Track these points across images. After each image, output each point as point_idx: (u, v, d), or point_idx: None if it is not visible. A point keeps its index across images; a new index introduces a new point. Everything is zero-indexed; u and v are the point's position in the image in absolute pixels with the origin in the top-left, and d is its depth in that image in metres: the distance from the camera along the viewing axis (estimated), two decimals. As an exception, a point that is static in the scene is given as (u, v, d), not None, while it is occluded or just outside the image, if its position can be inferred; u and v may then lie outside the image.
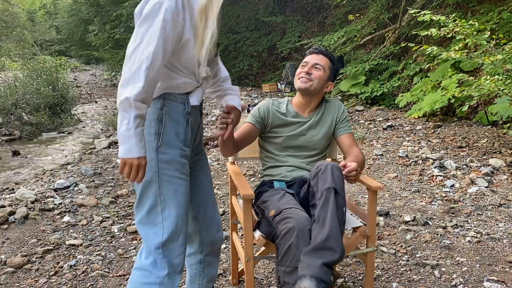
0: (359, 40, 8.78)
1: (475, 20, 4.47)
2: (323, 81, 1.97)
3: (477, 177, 3.63)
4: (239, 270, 2.25)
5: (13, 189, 4.22)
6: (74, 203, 3.57)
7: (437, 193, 3.45)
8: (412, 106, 6.24)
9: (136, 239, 2.89)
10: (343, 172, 1.71)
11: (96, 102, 12.52)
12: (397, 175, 3.94)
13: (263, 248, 1.81)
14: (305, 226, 1.58)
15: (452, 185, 3.57)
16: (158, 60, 1.30)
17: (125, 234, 2.98)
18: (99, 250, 2.74)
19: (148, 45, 1.29)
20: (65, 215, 3.33)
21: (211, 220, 1.70)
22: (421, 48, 4.58)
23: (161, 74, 1.36)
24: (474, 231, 2.77)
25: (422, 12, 4.41)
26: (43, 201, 3.62)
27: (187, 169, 1.48)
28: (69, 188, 3.99)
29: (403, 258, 2.47)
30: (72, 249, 2.76)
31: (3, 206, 3.41)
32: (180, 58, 1.41)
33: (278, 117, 2.01)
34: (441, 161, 4.07)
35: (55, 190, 3.94)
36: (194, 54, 1.39)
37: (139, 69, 1.28)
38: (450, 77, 5.44)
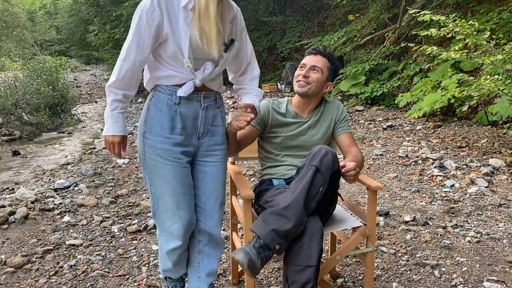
0: (359, 40, 8.78)
1: (475, 20, 4.47)
2: (322, 83, 1.96)
3: (477, 177, 3.63)
4: (239, 270, 2.25)
5: (13, 189, 4.22)
6: (74, 203, 3.57)
7: (437, 193, 3.45)
8: (412, 106, 6.24)
9: (136, 239, 2.89)
10: (342, 171, 1.71)
11: (96, 102, 12.52)
12: (397, 175, 3.94)
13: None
14: (317, 225, 1.60)
15: (452, 185, 3.57)
16: (133, 52, 1.53)
17: (125, 234, 2.98)
18: (99, 250, 2.74)
19: (127, 41, 1.55)
20: (65, 215, 3.33)
21: (210, 215, 1.75)
22: (421, 48, 4.58)
23: (142, 65, 1.58)
24: (474, 231, 2.77)
25: (422, 12, 4.41)
26: (43, 201, 3.62)
27: (174, 155, 1.63)
28: (69, 188, 3.99)
29: (403, 258, 2.47)
30: (72, 249, 2.76)
31: (3, 206, 3.41)
32: (165, 51, 1.57)
33: (278, 117, 2.02)
34: (441, 161, 4.08)
35: (55, 190, 3.94)
36: (176, 48, 1.54)
37: (118, 61, 1.57)
38: (450, 77, 5.45)
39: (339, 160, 1.70)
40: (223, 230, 2.90)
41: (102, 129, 8.26)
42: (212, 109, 1.71)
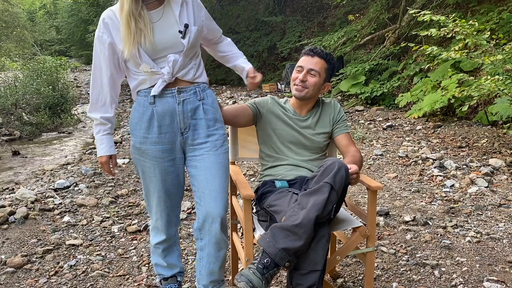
0: (359, 40, 8.77)
1: (475, 20, 4.47)
2: (319, 86, 1.97)
3: (477, 177, 3.63)
4: (239, 270, 2.25)
5: (13, 189, 4.22)
6: (74, 203, 3.57)
7: (437, 193, 3.45)
8: (412, 106, 6.24)
9: (136, 239, 2.89)
10: None
11: (96, 102, 12.51)
12: (397, 175, 3.94)
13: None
14: (324, 230, 1.61)
15: (452, 185, 3.57)
16: (97, 77, 1.73)
17: (125, 234, 2.98)
18: (99, 250, 2.74)
19: (91, 69, 1.75)
20: (65, 215, 3.33)
21: (206, 212, 1.72)
22: (421, 48, 4.58)
23: (110, 86, 1.73)
24: (474, 231, 2.77)
25: (422, 12, 4.41)
26: (43, 201, 3.62)
27: (153, 153, 1.72)
28: (69, 188, 3.99)
29: (403, 258, 2.47)
30: (72, 249, 2.76)
31: (3, 206, 3.41)
32: (128, 63, 1.70)
33: (277, 108, 2.05)
34: (441, 161, 4.08)
35: (55, 190, 3.94)
36: (130, 57, 1.64)
37: (90, 92, 1.78)
38: (450, 77, 5.44)
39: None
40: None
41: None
42: (191, 103, 1.70)
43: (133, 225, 3.10)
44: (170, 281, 1.96)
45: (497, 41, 4.17)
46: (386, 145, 4.98)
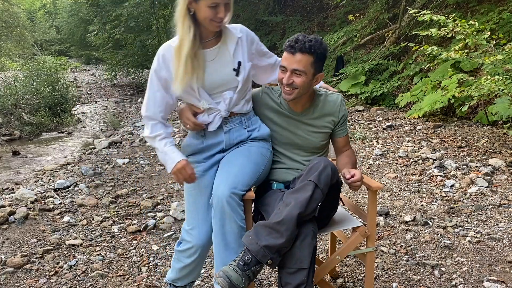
0: (359, 40, 8.77)
1: (475, 20, 4.46)
2: (309, 82, 1.77)
3: (477, 177, 3.63)
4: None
5: (13, 189, 4.23)
6: (74, 203, 3.57)
7: (437, 193, 3.45)
8: (412, 106, 6.23)
9: (136, 239, 2.89)
10: (348, 181, 1.71)
11: (96, 102, 12.52)
12: (397, 175, 3.94)
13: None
14: (308, 228, 1.60)
15: (452, 185, 3.57)
16: (150, 107, 1.76)
17: (125, 234, 2.98)
18: (99, 250, 2.74)
19: (145, 97, 1.78)
20: (65, 215, 3.33)
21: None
22: (421, 48, 4.58)
23: (163, 113, 1.78)
24: (474, 231, 2.77)
25: (422, 12, 4.40)
26: (43, 201, 3.62)
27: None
28: (69, 188, 3.99)
29: (403, 258, 2.47)
30: (72, 249, 2.76)
31: (3, 206, 3.41)
32: (187, 99, 1.78)
33: (269, 101, 1.93)
34: (441, 161, 4.07)
35: (55, 190, 3.94)
36: (189, 94, 1.73)
37: (142, 115, 1.80)
38: (450, 77, 5.44)
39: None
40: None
41: (102, 129, 8.27)
42: (237, 131, 1.83)
43: (133, 225, 3.10)
44: None
45: (497, 41, 4.17)
46: (386, 145, 4.98)
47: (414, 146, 4.74)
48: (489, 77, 3.90)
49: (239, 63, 1.74)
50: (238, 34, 1.77)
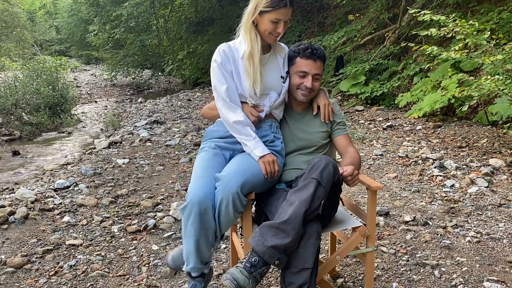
0: (359, 40, 8.77)
1: (475, 20, 4.46)
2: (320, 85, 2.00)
3: (477, 177, 3.63)
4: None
5: (13, 189, 4.23)
6: (74, 203, 3.57)
7: (437, 193, 3.45)
8: (412, 106, 6.23)
9: (136, 239, 2.89)
10: (341, 176, 1.71)
11: (96, 102, 12.52)
12: (397, 175, 3.94)
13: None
14: (312, 228, 1.60)
15: (452, 185, 3.57)
16: (231, 94, 1.86)
17: (125, 234, 2.98)
18: (99, 250, 2.74)
19: (214, 89, 1.89)
20: (65, 215, 3.33)
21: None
22: (421, 48, 4.58)
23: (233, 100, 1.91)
24: (474, 231, 2.77)
25: (422, 12, 4.40)
26: (43, 201, 3.62)
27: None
28: (69, 188, 3.99)
29: (403, 258, 2.47)
30: (72, 249, 2.76)
31: (3, 206, 3.41)
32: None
33: None
34: (441, 161, 4.07)
35: (55, 190, 3.94)
36: (241, 91, 1.90)
37: (218, 109, 1.90)
38: (450, 77, 5.43)
39: (338, 160, 1.71)
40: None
41: (101, 129, 8.27)
42: (265, 131, 1.93)
43: (133, 225, 3.10)
44: (196, 280, 1.89)
45: (497, 41, 4.17)
46: (386, 145, 4.98)
47: (414, 146, 4.74)
48: (489, 77, 3.90)
49: (287, 72, 1.96)
50: (286, 49, 2.02)
